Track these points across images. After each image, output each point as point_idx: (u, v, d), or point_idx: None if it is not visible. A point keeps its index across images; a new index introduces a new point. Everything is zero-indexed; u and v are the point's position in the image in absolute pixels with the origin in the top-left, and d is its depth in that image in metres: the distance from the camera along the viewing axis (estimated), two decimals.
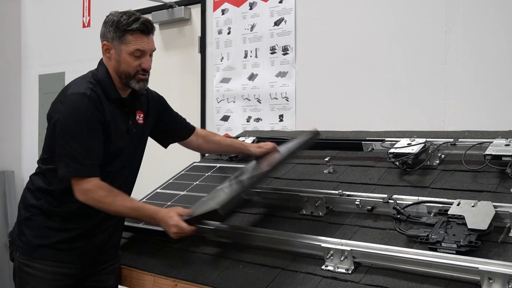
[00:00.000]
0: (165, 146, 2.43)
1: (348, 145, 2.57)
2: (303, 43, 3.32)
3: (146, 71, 2.08)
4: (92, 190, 1.95)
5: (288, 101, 3.38)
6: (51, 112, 2.06)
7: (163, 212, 2.01)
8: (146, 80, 2.11)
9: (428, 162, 2.22)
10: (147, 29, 2.06)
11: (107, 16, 2.11)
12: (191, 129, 2.44)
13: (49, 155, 2.07)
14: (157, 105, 2.32)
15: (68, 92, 2.02)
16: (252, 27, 3.57)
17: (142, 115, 2.20)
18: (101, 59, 2.13)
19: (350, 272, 1.71)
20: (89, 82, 2.05)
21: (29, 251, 2.06)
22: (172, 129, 2.37)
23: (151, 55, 2.11)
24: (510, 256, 1.57)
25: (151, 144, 4.46)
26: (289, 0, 3.37)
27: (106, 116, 2.02)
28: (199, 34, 3.91)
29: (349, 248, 1.73)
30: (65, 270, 2.06)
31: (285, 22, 3.40)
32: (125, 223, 2.31)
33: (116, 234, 2.21)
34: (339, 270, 1.73)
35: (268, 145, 2.48)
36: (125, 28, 2.03)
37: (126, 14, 2.06)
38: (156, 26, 4.16)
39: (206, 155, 2.97)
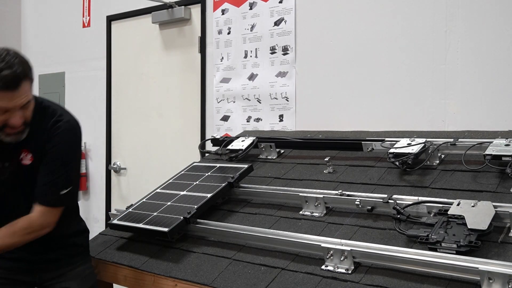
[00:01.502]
0: None
1: (348, 145, 2.57)
2: (303, 43, 3.32)
3: (16, 126, 1.90)
4: None
5: (288, 101, 3.38)
6: None
7: None
8: (20, 132, 1.93)
9: (428, 162, 2.22)
10: (12, 84, 1.80)
11: None
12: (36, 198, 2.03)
13: None
14: (55, 145, 2.01)
15: None
16: (252, 27, 3.57)
17: (30, 155, 2.00)
18: None
19: (350, 272, 1.71)
20: None
21: None
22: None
23: (25, 108, 1.90)
24: (510, 256, 1.57)
25: (151, 144, 4.47)
26: (289, 0, 3.37)
27: None
28: (199, 34, 3.91)
29: (349, 248, 1.73)
30: (13, 276, 2.07)
31: (285, 22, 3.40)
32: (125, 223, 2.31)
33: (48, 243, 2.10)
34: (339, 270, 1.73)
35: None
36: None
37: None
38: (156, 26, 4.20)
39: (207, 154, 2.96)
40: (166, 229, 2.13)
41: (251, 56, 3.58)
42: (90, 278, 2.23)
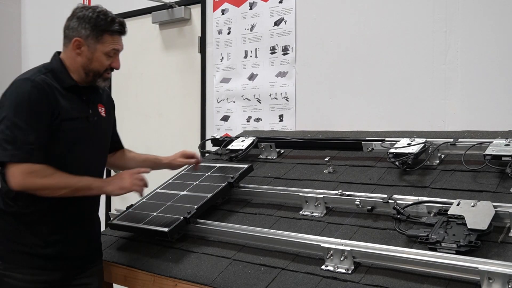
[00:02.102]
0: None
1: (348, 145, 2.57)
2: (303, 43, 3.32)
3: (113, 70, 2.12)
4: (27, 174, 1.88)
5: (288, 101, 3.38)
6: None
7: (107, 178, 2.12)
8: (110, 79, 2.16)
9: (428, 162, 2.22)
10: (124, 30, 2.10)
11: (77, 10, 2.09)
12: (121, 144, 2.45)
13: None
14: (113, 108, 2.33)
15: (15, 79, 2.00)
16: (252, 27, 3.57)
17: (103, 109, 2.20)
18: (56, 52, 2.13)
19: (350, 272, 1.71)
20: (37, 71, 2.04)
21: (6, 257, 2.02)
22: (115, 136, 2.38)
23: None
24: (510, 256, 1.57)
25: (151, 144, 4.47)
26: (289, 0, 3.37)
27: (58, 103, 1.98)
28: (199, 34, 3.91)
29: (349, 248, 1.73)
30: (45, 277, 2.03)
31: (285, 22, 3.40)
32: (125, 223, 2.31)
33: (93, 236, 2.18)
34: (339, 270, 1.73)
35: (188, 156, 2.49)
36: (104, 29, 2.03)
37: (102, 13, 2.05)
38: (156, 26, 4.20)
39: (207, 154, 2.96)
40: (166, 229, 2.13)
41: (251, 56, 3.58)
42: (101, 278, 2.23)
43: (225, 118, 3.73)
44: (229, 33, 3.70)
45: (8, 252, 2.02)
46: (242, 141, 2.86)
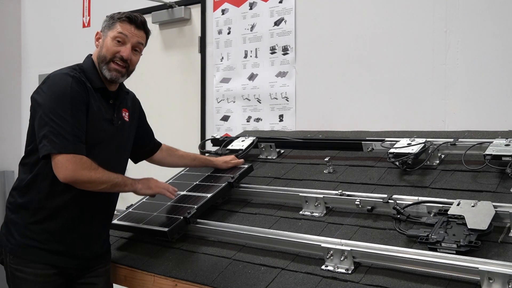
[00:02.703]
0: (135, 161, 2.43)
1: (348, 145, 2.58)
2: (303, 43, 3.32)
3: (123, 61, 2.08)
4: (78, 166, 1.89)
5: (288, 101, 3.38)
6: (34, 94, 2.02)
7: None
8: (120, 72, 2.09)
9: (428, 162, 2.22)
10: (135, 19, 2.11)
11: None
12: (158, 144, 2.48)
13: (32, 145, 2.01)
14: (138, 109, 2.33)
15: (50, 74, 2.03)
16: (252, 27, 3.57)
17: (127, 113, 2.21)
18: (89, 54, 2.18)
19: (350, 272, 1.71)
20: (72, 69, 2.07)
21: (18, 252, 2.03)
22: (144, 139, 2.38)
23: (136, 50, 2.13)
24: (510, 256, 1.57)
25: None
26: (289, 0, 3.37)
27: (90, 101, 2.00)
28: (199, 34, 3.91)
29: (349, 248, 1.73)
30: (54, 272, 2.04)
31: (285, 22, 3.40)
32: (125, 223, 2.31)
33: (104, 236, 2.19)
34: (339, 270, 1.73)
35: (235, 160, 2.55)
36: (116, 17, 2.11)
37: (122, 12, 2.14)
38: (156, 26, 4.19)
39: (207, 155, 2.96)
40: (166, 229, 2.13)
41: (251, 56, 3.58)
42: (108, 279, 2.23)
43: (225, 118, 3.73)
44: (229, 33, 3.70)
45: (20, 247, 2.03)
46: (242, 141, 2.86)
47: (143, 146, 2.38)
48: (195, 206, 2.23)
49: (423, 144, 2.23)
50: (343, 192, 2.11)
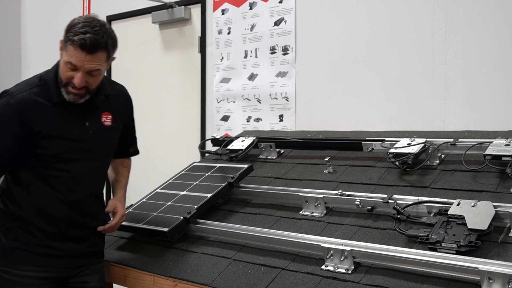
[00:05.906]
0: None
1: (348, 145, 2.57)
2: (303, 43, 3.32)
3: (76, 87, 1.97)
4: None
5: (288, 101, 3.38)
6: None
7: None
8: (77, 95, 2.00)
9: (428, 162, 2.22)
10: (87, 44, 1.90)
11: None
12: (130, 153, 2.40)
13: None
14: (125, 110, 2.29)
15: (4, 90, 2.05)
16: (252, 27, 3.57)
17: (110, 116, 2.14)
18: (58, 61, 2.09)
19: (350, 272, 1.71)
20: (31, 84, 2.05)
21: (4, 254, 2.04)
22: (124, 140, 2.30)
23: (92, 75, 1.97)
24: (510, 256, 1.57)
25: (151, 145, 4.46)
26: (289, 0, 3.37)
27: (38, 121, 1.98)
28: (199, 34, 3.91)
29: (349, 248, 1.73)
30: (44, 274, 2.04)
31: (285, 22, 3.40)
32: (125, 223, 2.30)
33: (93, 235, 2.16)
34: (339, 270, 1.73)
35: (117, 215, 2.18)
36: (69, 37, 1.94)
37: (85, 23, 1.94)
38: (156, 26, 4.20)
39: (207, 155, 2.96)
40: (166, 229, 2.13)
41: (251, 56, 3.58)
42: (102, 277, 2.22)
43: (225, 118, 3.73)
44: (229, 33, 3.70)
45: (7, 249, 2.03)
46: (242, 141, 2.86)
47: (120, 145, 2.30)
48: (195, 206, 2.23)
49: (423, 144, 2.23)
50: (343, 192, 2.11)
